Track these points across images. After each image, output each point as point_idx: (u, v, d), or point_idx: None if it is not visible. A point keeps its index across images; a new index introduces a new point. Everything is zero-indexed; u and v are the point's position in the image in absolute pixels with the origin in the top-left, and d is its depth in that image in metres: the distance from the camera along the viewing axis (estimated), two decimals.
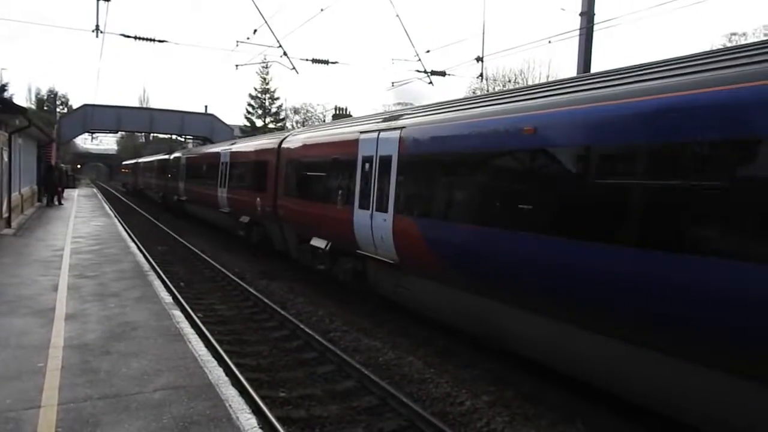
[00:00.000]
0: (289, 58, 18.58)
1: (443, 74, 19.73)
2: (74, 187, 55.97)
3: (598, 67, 16.96)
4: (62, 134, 54.97)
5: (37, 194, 34.00)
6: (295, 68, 19.06)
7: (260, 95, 66.74)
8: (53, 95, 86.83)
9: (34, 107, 73.13)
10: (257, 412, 6.65)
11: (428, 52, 23.40)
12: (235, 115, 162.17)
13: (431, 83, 19.35)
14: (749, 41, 8.70)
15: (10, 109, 18.92)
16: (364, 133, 12.41)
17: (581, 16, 15.80)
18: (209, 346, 8.92)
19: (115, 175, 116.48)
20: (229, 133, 58.25)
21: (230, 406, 6.03)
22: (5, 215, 20.09)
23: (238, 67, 29.58)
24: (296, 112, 71.97)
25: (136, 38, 18.27)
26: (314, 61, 19.85)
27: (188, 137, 66.21)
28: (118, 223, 25.76)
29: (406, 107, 11.74)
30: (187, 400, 6.12)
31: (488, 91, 36.65)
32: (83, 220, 25.82)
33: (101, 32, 17.71)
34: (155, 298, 10.88)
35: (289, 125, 66.98)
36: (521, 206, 7.80)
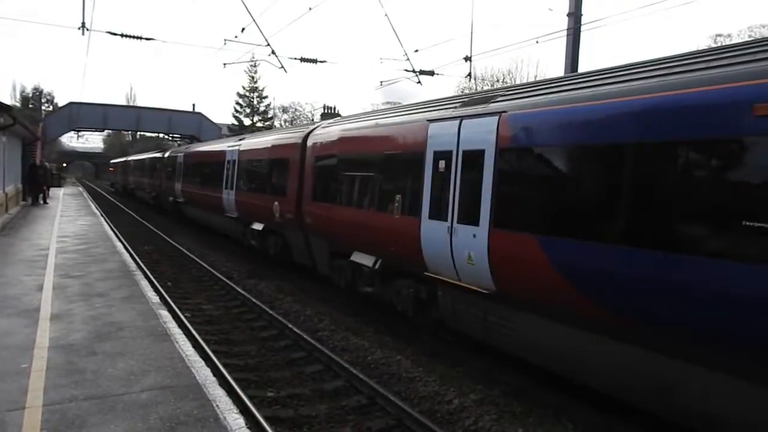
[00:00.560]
0: (277, 56, 18.53)
1: (432, 74, 19.77)
2: (60, 185, 55.54)
3: (584, 67, 17.03)
4: (47, 132, 54.40)
5: (22, 193, 33.66)
6: (283, 67, 19.01)
7: (248, 94, 66.39)
8: (38, 93, 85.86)
9: (18, 105, 72.27)
10: (245, 412, 6.62)
11: (417, 51, 23.47)
12: (223, 113, 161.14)
13: (419, 83, 19.39)
14: (735, 42, 8.24)
15: None
16: (435, 121, 9.57)
17: (569, 16, 15.88)
18: (196, 346, 8.86)
19: (101, 173, 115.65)
20: (216, 132, 57.95)
21: (217, 406, 6.00)
22: None
23: (225, 65, 29.60)
24: (285, 110, 71.76)
25: (122, 36, 18.11)
26: (302, 60, 19.79)
27: (175, 136, 65.78)
28: (104, 222, 25.56)
29: (496, 88, 8.87)
30: (174, 400, 6.09)
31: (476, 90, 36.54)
32: (69, 219, 25.59)
33: (87, 29, 17.55)
34: (142, 297, 10.81)
35: (277, 124, 66.78)
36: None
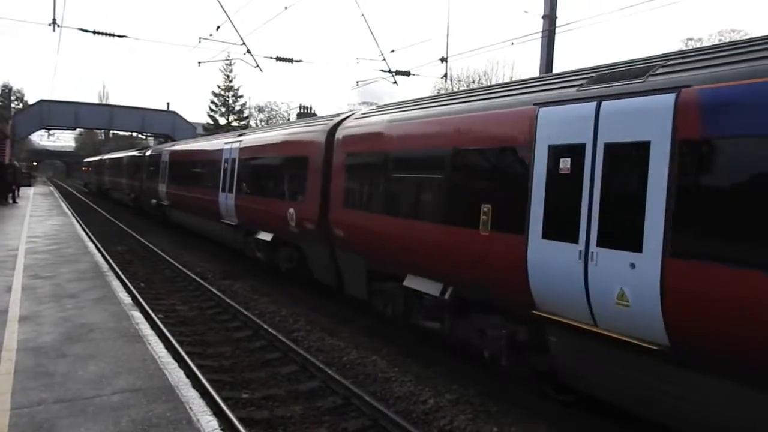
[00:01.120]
0: (252, 55, 18.38)
1: (408, 74, 19.77)
2: (30, 185, 54.53)
3: (559, 68, 17.19)
4: (17, 130, 53.31)
5: None
6: (258, 66, 18.86)
7: (224, 93, 65.95)
8: (7, 90, 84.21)
9: None
10: (219, 413, 6.56)
11: (393, 51, 23.44)
12: (197, 112, 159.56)
13: (396, 83, 19.39)
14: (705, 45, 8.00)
15: None
16: (549, 105, 7.10)
17: (544, 18, 16.02)
18: (170, 347, 8.77)
19: (72, 172, 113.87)
20: (191, 131, 57.40)
21: (191, 408, 5.93)
22: None
23: (200, 64, 29.27)
24: (260, 110, 71.49)
25: (94, 33, 17.82)
26: (278, 59, 19.67)
27: (149, 135, 65.01)
28: (75, 222, 25.18)
29: (652, 57, 6.67)
30: (146, 402, 6.01)
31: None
32: (39, 219, 25.14)
33: (58, 26, 17.25)
34: (114, 299, 10.65)
35: (253, 123, 66.40)
36: None
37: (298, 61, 20.08)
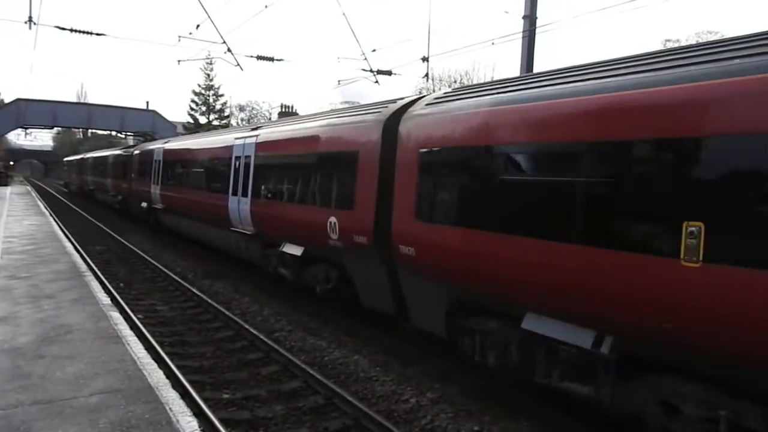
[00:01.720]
0: (233, 54, 18.32)
1: (389, 73, 19.82)
2: (6, 184, 53.77)
3: (539, 68, 17.30)
4: None
5: None
6: (239, 65, 18.80)
7: (204, 92, 65.45)
8: None
9: None
10: (199, 414, 6.52)
11: (374, 51, 23.53)
12: (178, 111, 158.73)
13: (377, 82, 19.42)
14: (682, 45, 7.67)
15: None
16: None
17: (524, 19, 16.13)
18: (149, 348, 8.70)
19: (50, 172, 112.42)
20: (171, 130, 56.91)
21: (170, 409, 5.89)
22: None
23: (180, 62, 29.02)
24: (242, 109, 71.06)
25: (72, 31, 17.65)
26: (259, 58, 19.63)
27: (129, 134, 64.35)
28: (53, 222, 24.87)
29: None
30: (125, 404, 5.95)
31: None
32: (16, 218, 24.78)
33: (34, 23, 17.03)
34: (92, 299, 10.54)
35: (234, 122, 66.03)
36: None
37: (279, 60, 20.07)
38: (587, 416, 7.17)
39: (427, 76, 20.74)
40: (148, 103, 76.11)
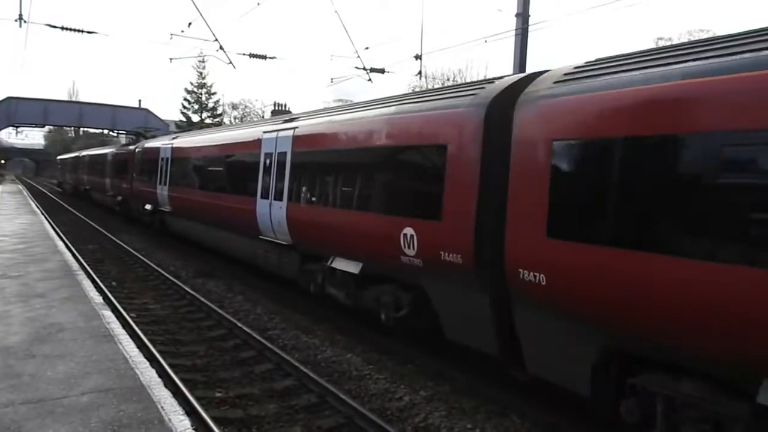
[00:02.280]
0: (225, 52, 18.27)
1: (382, 71, 19.81)
2: None
3: (533, 65, 17.31)
4: None
5: None
6: (231, 63, 18.75)
7: (196, 90, 65.20)
8: None
9: None
10: (192, 413, 6.49)
11: (367, 48, 23.54)
12: (170, 110, 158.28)
13: (370, 80, 19.40)
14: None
15: None
16: None
17: (517, 17, 16.14)
18: (141, 346, 8.66)
19: (42, 171, 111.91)
20: (164, 128, 56.70)
21: (162, 407, 5.85)
22: None
23: (172, 60, 28.92)
24: (234, 107, 70.83)
25: (63, 29, 17.54)
26: (251, 55, 19.58)
27: (121, 132, 64.11)
28: (45, 220, 24.74)
29: None
30: (116, 402, 5.91)
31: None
32: (7, 217, 24.65)
33: (25, 21, 16.92)
34: (84, 298, 10.47)
35: (227, 120, 65.87)
36: None
37: (271, 58, 20.04)
38: (581, 416, 7.19)
39: (420, 74, 20.74)
40: (140, 101, 75.93)
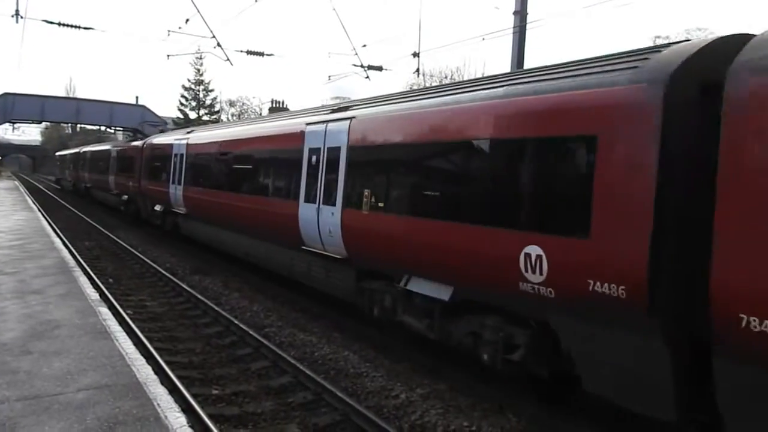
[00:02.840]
0: (223, 49, 18.25)
1: (380, 69, 19.80)
2: None
3: (530, 63, 17.31)
4: None
5: None
6: (229, 59, 18.71)
7: (194, 87, 65.08)
8: None
9: None
10: (188, 410, 6.50)
11: (365, 46, 23.49)
12: (167, 106, 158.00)
13: (368, 78, 19.39)
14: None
15: None
16: None
17: (514, 14, 16.12)
18: (138, 343, 8.66)
19: (39, 167, 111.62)
20: (162, 125, 56.58)
21: (158, 404, 5.85)
22: None
23: (169, 57, 28.85)
24: (232, 104, 70.62)
25: (60, 24, 17.49)
26: (249, 52, 19.54)
27: (118, 128, 63.92)
28: (41, 217, 24.68)
29: None
30: (112, 399, 5.91)
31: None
32: (3, 213, 24.58)
33: (21, 17, 16.87)
34: (81, 295, 10.46)
35: (224, 117, 65.71)
36: None
37: (269, 54, 20.01)
38: (576, 414, 7.21)
39: (417, 71, 20.73)
40: (137, 97, 75.75)
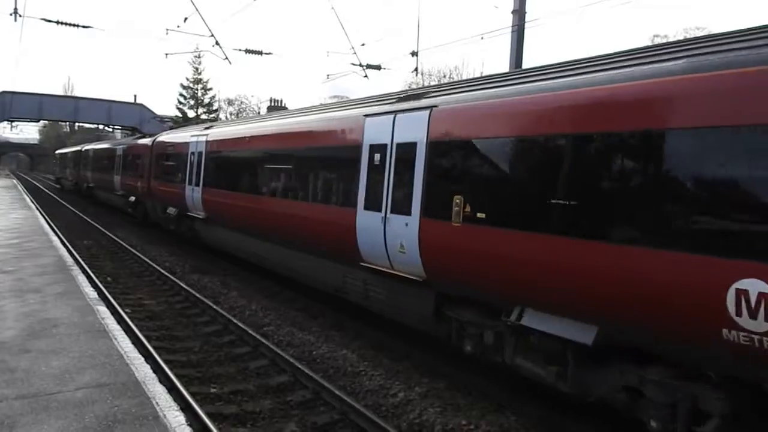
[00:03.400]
0: (221, 47, 18.24)
1: (379, 68, 19.79)
2: None
3: (528, 63, 17.31)
4: None
5: None
6: (227, 58, 18.71)
7: (192, 85, 64.82)
8: None
9: None
10: (187, 408, 6.50)
11: (363, 45, 23.49)
12: (166, 105, 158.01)
13: (366, 77, 19.38)
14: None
15: None
16: None
17: (513, 13, 16.12)
18: (136, 342, 8.65)
19: (37, 165, 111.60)
20: (158, 124, 56.54)
21: (157, 403, 5.86)
22: None
23: (168, 56, 28.85)
24: (230, 103, 70.58)
25: (58, 23, 17.48)
26: (247, 51, 19.54)
27: (116, 127, 63.88)
28: (39, 215, 24.65)
29: None
30: (111, 398, 5.91)
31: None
32: (1, 212, 24.55)
33: (20, 15, 16.84)
34: (79, 293, 10.45)
35: (222, 116, 65.66)
36: None
37: (267, 53, 20.01)
38: (574, 413, 7.22)
39: (416, 70, 20.72)
40: (135, 96, 75.79)
